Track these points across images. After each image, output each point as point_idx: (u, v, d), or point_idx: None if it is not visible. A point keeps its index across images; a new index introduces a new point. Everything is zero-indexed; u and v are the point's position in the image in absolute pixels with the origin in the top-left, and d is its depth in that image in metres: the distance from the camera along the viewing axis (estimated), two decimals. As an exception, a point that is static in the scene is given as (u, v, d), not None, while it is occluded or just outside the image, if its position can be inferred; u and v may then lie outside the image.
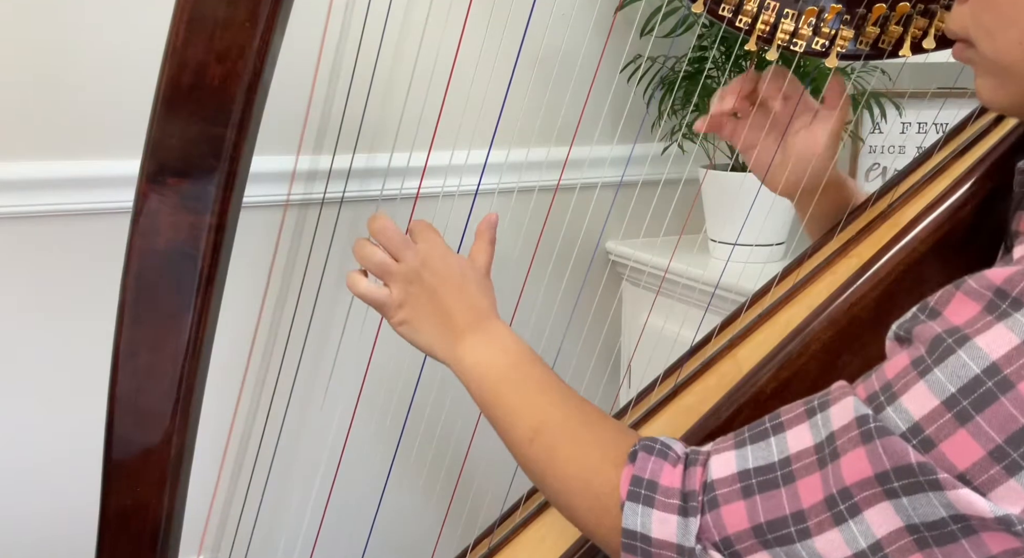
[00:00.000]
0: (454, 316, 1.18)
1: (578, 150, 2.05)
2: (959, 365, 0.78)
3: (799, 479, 0.85)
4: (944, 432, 0.77)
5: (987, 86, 0.97)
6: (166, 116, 1.05)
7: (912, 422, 0.79)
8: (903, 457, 0.78)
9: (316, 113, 1.39)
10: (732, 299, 1.76)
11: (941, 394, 0.78)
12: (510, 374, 1.14)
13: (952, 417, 0.77)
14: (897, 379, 0.82)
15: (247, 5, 1.02)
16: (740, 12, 1.19)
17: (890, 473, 0.79)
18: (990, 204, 1.14)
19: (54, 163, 1.71)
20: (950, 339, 0.79)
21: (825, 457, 0.83)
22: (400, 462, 1.74)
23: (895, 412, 0.80)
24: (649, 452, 0.95)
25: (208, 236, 1.08)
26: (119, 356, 1.11)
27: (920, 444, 0.78)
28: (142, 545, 1.17)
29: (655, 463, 0.94)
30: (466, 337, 1.17)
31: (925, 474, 0.77)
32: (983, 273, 0.81)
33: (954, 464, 0.76)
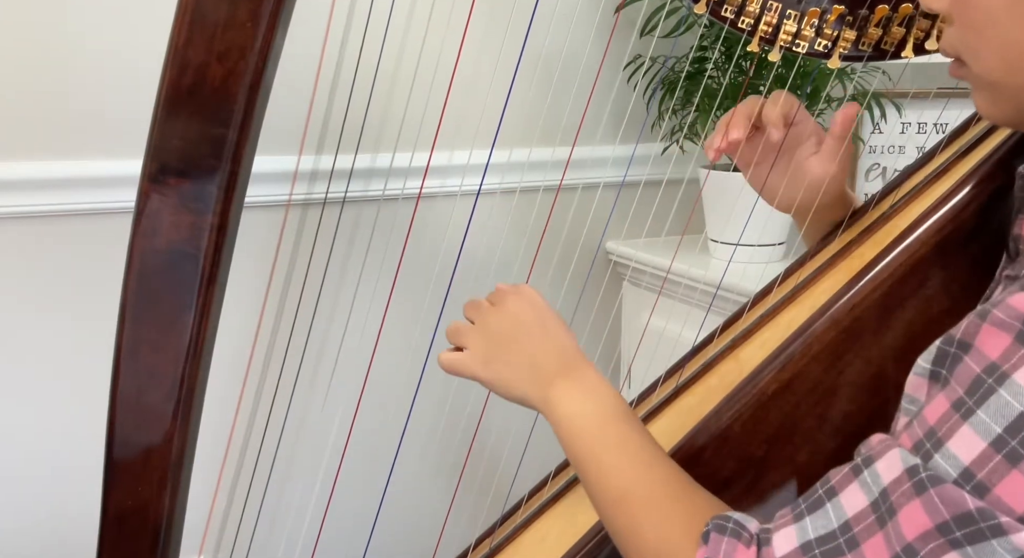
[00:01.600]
0: (541, 362, 1.15)
1: (579, 150, 2.05)
2: (1002, 404, 0.76)
3: (862, 543, 0.83)
4: (997, 475, 0.76)
5: (983, 101, 0.98)
6: (167, 116, 1.04)
7: (962, 467, 0.77)
8: (961, 505, 0.77)
9: (318, 113, 1.39)
10: (733, 300, 1.76)
11: (987, 436, 0.77)
12: (605, 432, 1.10)
13: (1003, 458, 0.76)
14: (940, 424, 0.80)
15: (249, 5, 1.01)
16: (742, 13, 1.19)
17: (950, 523, 0.77)
18: (992, 205, 1.14)
19: (55, 163, 1.71)
20: (989, 379, 0.78)
21: (883, 515, 0.82)
22: (401, 463, 1.73)
23: (944, 459, 0.79)
24: (721, 532, 0.93)
25: (210, 236, 1.08)
26: (120, 356, 1.11)
27: (974, 489, 0.77)
28: (143, 545, 1.17)
29: (728, 544, 0.91)
30: (557, 383, 1.14)
31: (986, 520, 0.76)
32: (1007, 302, 0.80)
33: (1012, 507, 0.75)
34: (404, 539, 1.93)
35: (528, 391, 1.15)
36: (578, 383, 1.14)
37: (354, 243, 1.83)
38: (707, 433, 1.16)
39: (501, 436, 1.70)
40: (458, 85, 1.48)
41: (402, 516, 1.97)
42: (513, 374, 1.16)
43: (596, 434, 1.10)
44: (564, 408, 1.12)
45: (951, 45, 0.98)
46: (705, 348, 1.33)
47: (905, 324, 1.14)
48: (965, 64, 0.96)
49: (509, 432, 1.60)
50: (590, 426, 1.10)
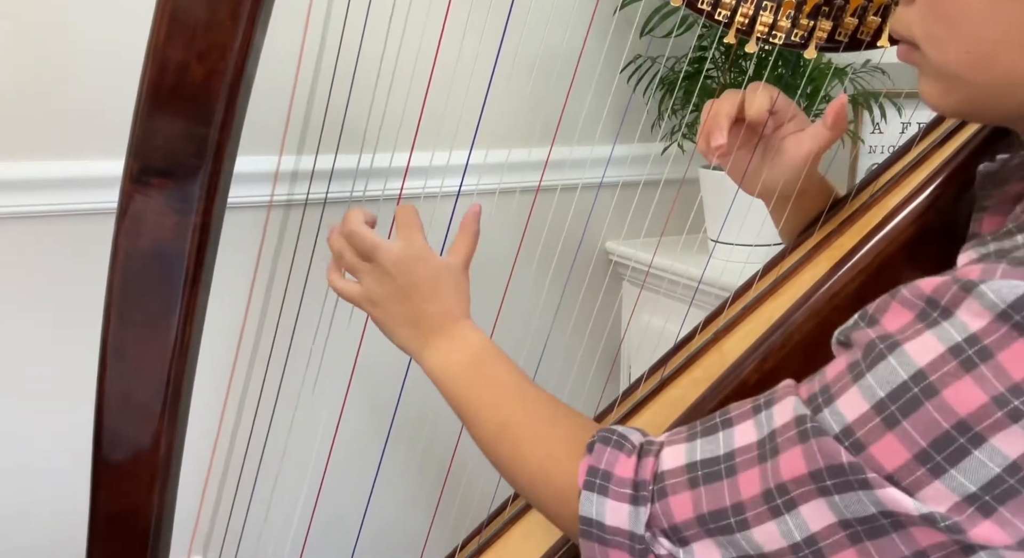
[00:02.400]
0: (422, 319, 1.19)
1: (579, 150, 2.05)
2: (888, 371, 0.81)
3: (740, 472, 0.88)
4: (873, 435, 0.80)
5: (932, 91, 0.96)
6: (149, 116, 1.05)
7: (845, 424, 0.82)
8: (835, 457, 0.82)
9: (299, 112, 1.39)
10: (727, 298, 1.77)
11: (871, 398, 0.81)
12: (472, 374, 1.16)
13: (881, 421, 0.80)
14: (835, 382, 0.85)
15: (228, 4, 1.02)
16: (719, 5, 1.19)
17: (823, 472, 0.83)
18: (966, 195, 1.15)
19: (38, 163, 1.71)
20: (882, 345, 0.82)
21: (766, 453, 0.87)
22: (388, 461, 1.74)
23: (831, 414, 0.83)
24: (605, 443, 0.98)
25: (193, 236, 1.08)
26: (107, 357, 1.12)
27: (851, 446, 0.81)
28: (133, 546, 1.18)
29: (611, 454, 0.97)
30: (432, 340, 1.19)
31: (855, 473, 0.81)
32: (916, 283, 0.83)
33: (882, 465, 0.80)
34: (392, 537, 1.94)
35: (405, 344, 1.21)
36: (450, 336, 1.19)
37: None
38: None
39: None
40: (457, 85, 1.48)
41: (390, 514, 1.98)
42: (394, 325, 1.21)
43: (466, 376, 1.16)
44: (435, 360, 1.18)
45: (906, 28, 0.96)
46: (688, 342, 1.34)
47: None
48: (918, 49, 0.95)
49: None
50: (460, 371, 1.17)
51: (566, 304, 1.92)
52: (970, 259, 0.87)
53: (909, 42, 0.97)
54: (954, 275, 0.81)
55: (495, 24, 1.39)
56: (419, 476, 2.08)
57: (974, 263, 0.84)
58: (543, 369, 1.37)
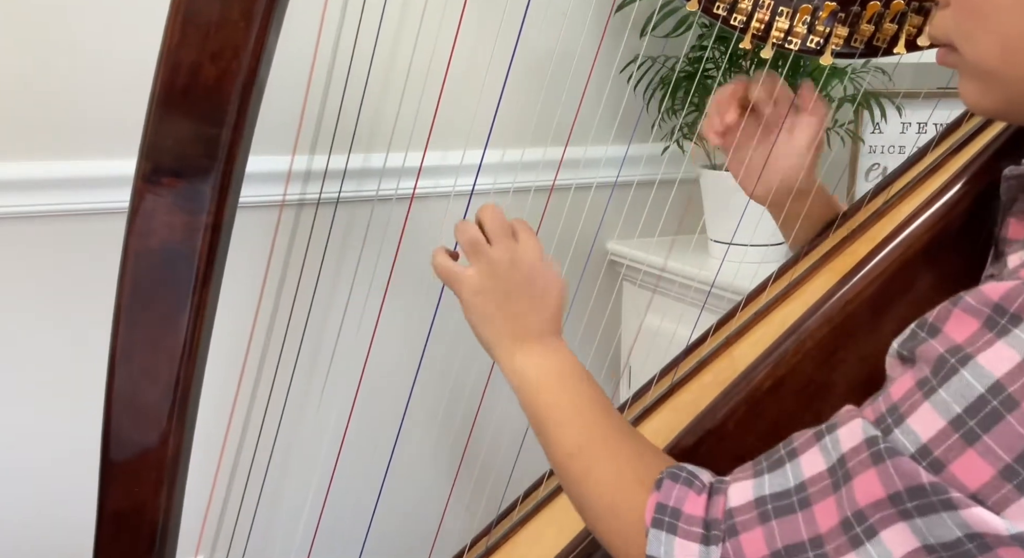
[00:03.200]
0: (524, 321, 1.17)
1: (578, 150, 2.05)
2: (963, 385, 0.77)
3: (814, 503, 0.85)
4: (953, 453, 0.77)
5: (971, 90, 0.96)
6: (161, 116, 1.04)
7: (920, 444, 0.79)
8: (914, 477, 0.78)
9: (312, 113, 1.39)
10: (730, 298, 1.76)
11: (947, 415, 0.78)
12: (559, 386, 1.13)
13: (960, 438, 0.77)
14: (903, 400, 0.82)
15: (241, 4, 1.01)
16: (735, 10, 1.19)
17: (903, 493, 0.79)
18: (984, 202, 1.14)
19: (49, 163, 1.71)
20: (953, 359, 0.79)
21: (838, 480, 0.83)
22: (397, 463, 1.74)
23: (903, 434, 0.80)
24: (675, 480, 0.96)
25: (204, 236, 1.08)
26: (116, 357, 1.11)
27: (930, 465, 0.78)
28: (140, 545, 1.17)
29: (680, 491, 0.95)
30: (528, 343, 1.16)
31: (938, 494, 0.77)
32: (979, 289, 0.81)
33: (965, 485, 0.76)
34: (400, 539, 1.93)
35: (499, 340, 1.17)
36: (547, 346, 1.16)
37: (349, 243, 1.83)
38: (702, 430, 1.16)
39: (496, 437, 1.70)
40: (456, 85, 1.48)
41: (398, 517, 1.97)
42: (495, 318, 1.18)
43: (553, 387, 1.13)
44: (526, 362, 1.15)
45: (943, 30, 0.97)
46: (699, 346, 1.34)
47: (899, 321, 1.13)
48: (956, 51, 0.95)
49: (504, 433, 1.61)
50: (547, 379, 1.14)
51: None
52: (1022, 260, 0.86)
53: (947, 44, 0.97)
54: (1021, 280, 0.79)
55: (494, 24, 1.38)
56: (428, 477, 2.08)
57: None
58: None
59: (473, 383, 1.65)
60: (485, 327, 1.18)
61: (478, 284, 1.18)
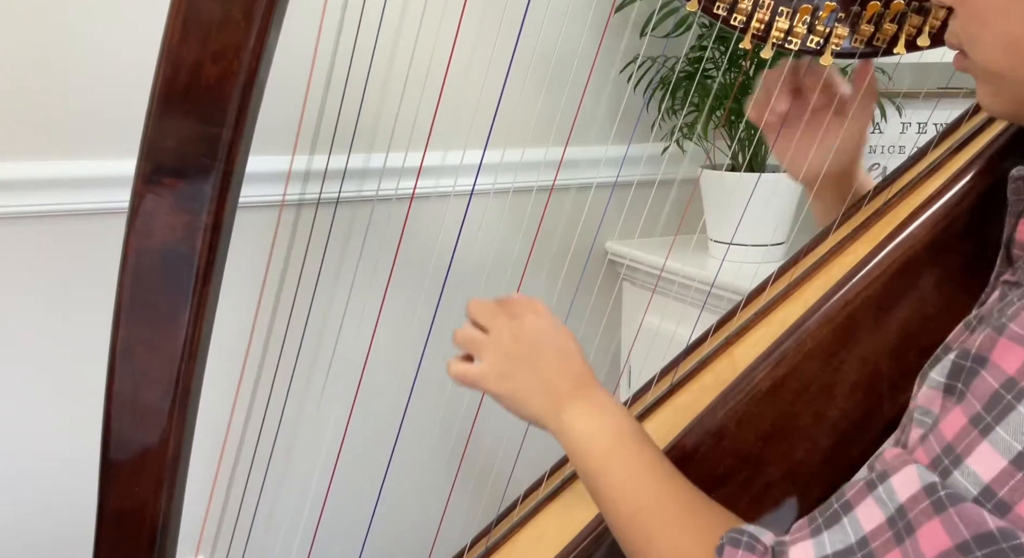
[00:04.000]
0: (556, 384, 1.15)
1: (578, 150, 2.05)
2: (1021, 421, 0.76)
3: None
4: (1019, 493, 0.75)
5: (985, 93, 0.98)
6: (161, 116, 1.04)
7: (983, 485, 0.77)
8: (981, 524, 0.76)
9: (312, 113, 1.39)
10: (730, 298, 1.76)
11: (1008, 453, 0.76)
12: (617, 450, 1.11)
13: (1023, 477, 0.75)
14: (958, 440, 0.79)
15: (242, 4, 1.01)
16: (735, 10, 1.19)
17: (971, 543, 0.76)
18: (985, 202, 1.14)
19: (50, 163, 1.71)
20: (1008, 395, 0.77)
21: (900, 532, 0.81)
22: (397, 463, 1.73)
23: (963, 476, 0.78)
24: (736, 545, 0.93)
25: (204, 236, 1.08)
26: (116, 356, 1.11)
27: (995, 508, 0.76)
28: (140, 545, 1.17)
29: (742, 556, 0.92)
30: (572, 405, 1.14)
31: (1008, 540, 0.75)
32: (1023, 315, 0.79)
33: None
34: (400, 539, 1.93)
35: (541, 412, 1.15)
36: (590, 404, 1.14)
37: (349, 243, 1.83)
38: (702, 430, 1.16)
39: (496, 436, 1.70)
40: (457, 84, 1.48)
41: (398, 516, 1.98)
42: (528, 395, 1.16)
43: (608, 450, 1.10)
44: (576, 428, 1.12)
45: (955, 36, 0.98)
46: (699, 347, 1.33)
47: (900, 322, 1.15)
48: (968, 56, 0.97)
49: (504, 432, 1.60)
50: (603, 443, 1.11)
51: (564, 303, 1.91)
52: None
53: (960, 50, 0.98)
54: None
55: (494, 24, 1.39)
56: (428, 477, 2.08)
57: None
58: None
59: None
60: (526, 408, 1.17)
61: (497, 372, 1.17)
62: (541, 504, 1.33)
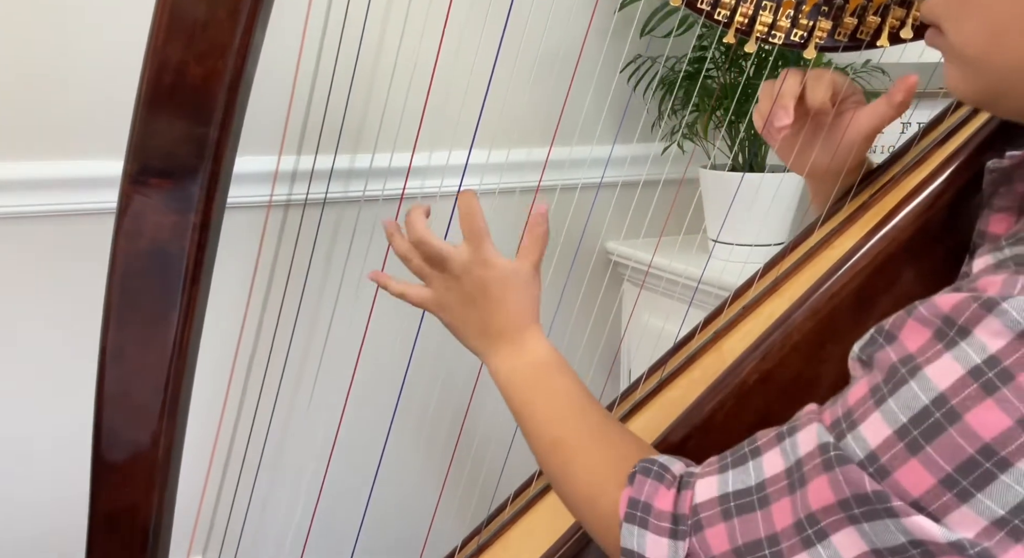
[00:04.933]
0: (490, 325, 1.21)
1: (579, 150, 2.05)
2: (911, 396, 0.80)
3: (772, 503, 0.87)
4: (897, 461, 0.79)
5: (954, 75, 0.97)
6: (148, 116, 1.05)
7: (868, 450, 0.81)
8: (860, 486, 0.81)
9: (299, 113, 1.40)
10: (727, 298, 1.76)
11: (894, 424, 0.80)
12: (532, 384, 1.18)
13: (904, 447, 0.79)
14: (857, 407, 0.84)
15: (227, 4, 1.01)
16: (718, 5, 1.20)
17: (850, 500, 0.82)
18: (967, 195, 1.15)
19: (36, 163, 1.71)
20: (904, 369, 0.81)
21: (795, 482, 0.86)
22: (388, 461, 1.74)
23: (854, 440, 0.82)
24: (646, 474, 0.98)
25: (192, 236, 1.08)
26: (106, 357, 1.11)
27: (876, 472, 0.80)
28: (132, 546, 1.17)
29: (651, 486, 0.97)
30: (500, 347, 1.21)
31: (881, 502, 0.80)
32: (932, 299, 0.82)
33: (908, 491, 0.79)
34: (391, 538, 1.94)
35: (474, 346, 1.24)
36: (516, 344, 1.20)
37: (336, 244, 1.84)
38: (689, 424, 1.17)
39: (486, 436, 1.71)
40: (445, 85, 1.48)
41: (389, 515, 1.98)
42: (465, 330, 1.24)
43: (529, 386, 1.17)
44: (501, 364, 1.20)
45: (930, 10, 0.97)
46: (688, 342, 1.34)
47: (883, 314, 1.13)
48: (942, 34, 0.96)
49: (493, 432, 1.61)
50: (523, 379, 1.18)
51: (566, 304, 1.92)
52: (986, 264, 0.86)
53: (935, 25, 0.97)
54: (973, 291, 0.80)
55: (495, 24, 1.39)
56: (419, 477, 2.08)
57: (991, 271, 0.83)
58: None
59: (462, 382, 1.65)
60: (465, 339, 1.25)
61: (437, 301, 1.25)
62: (531, 502, 1.34)
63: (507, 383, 1.19)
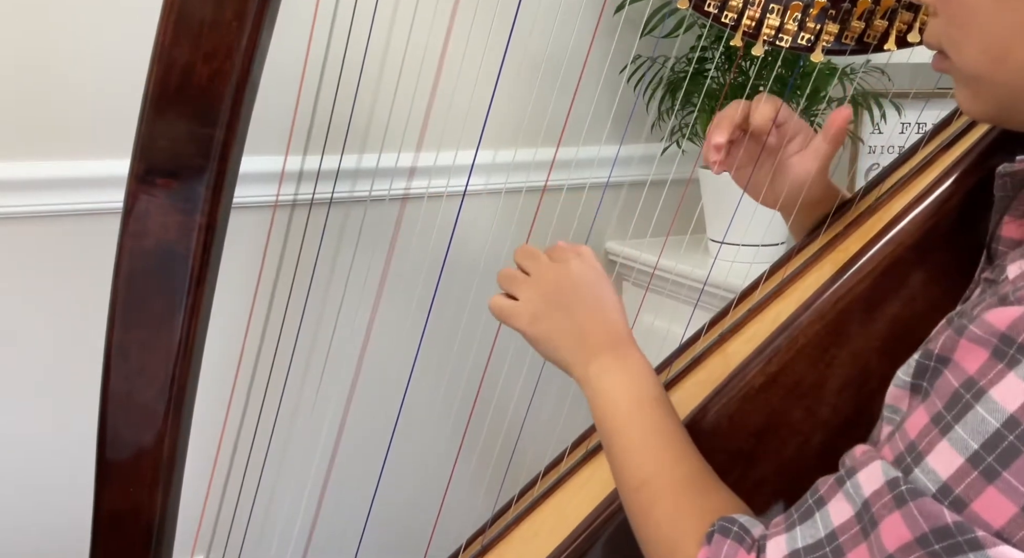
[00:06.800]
0: (589, 334, 1.16)
1: (579, 151, 2.05)
2: (978, 421, 0.77)
3: (847, 552, 0.84)
4: (974, 490, 0.76)
5: (964, 96, 0.97)
6: (154, 116, 1.05)
7: (941, 482, 0.78)
8: (939, 518, 0.77)
9: (305, 113, 1.39)
10: (730, 299, 1.76)
11: (965, 451, 0.77)
12: (638, 411, 1.12)
13: (979, 475, 0.76)
14: (921, 438, 0.81)
15: (234, 5, 1.01)
16: (726, 8, 1.20)
17: (929, 536, 0.78)
18: (975, 198, 1.14)
19: (43, 163, 1.71)
20: (967, 394, 0.78)
21: (866, 526, 0.82)
22: (392, 461, 1.74)
23: (923, 473, 0.80)
24: (725, 534, 0.94)
25: (198, 236, 1.08)
26: (111, 357, 1.11)
27: (952, 504, 0.77)
28: (136, 546, 1.18)
29: (730, 547, 0.93)
30: (600, 357, 1.15)
31: (963, 534, 0.76)
32: (984, 317, 0.80)
33: (989, 523, 0.76)
34: (396, 538, 1.94)
35: (570, 359, 1.16)
36: (621, 361, 1.15)
37: (342, 243, 1.84)
38: (694, 427, 1.16)
39: (491, 436, 1.71)
40: (451, 85, 1.48)
41: (394, 515, 1.98)
42: (559, 338, 1.17)
43: (629, 414, 1.11)
44: (602, 382, 1.14)
45: (935, 37, 0.97)
46: (692, 345, 1.34)
47: (890, 318, 1.15)
48: (948, 58, 0.96)
49: (499, 433, 1.61)
50: (624, 405, 1.12)
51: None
52: (1022, 270, 0.85)
53: (939, 51, 0.97)
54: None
55: (500, 24, 1.39)
56: (424, 476, 2.08)
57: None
58: (545, 371, 1.37)
59: (467, 384, 1.65)
60: (556, 352, 1.18)
61: (531, 311, 1.19)
62: (536, 503, 1.34)
63: (606, 400, 1.13)
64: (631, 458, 1.09)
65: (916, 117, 2.15)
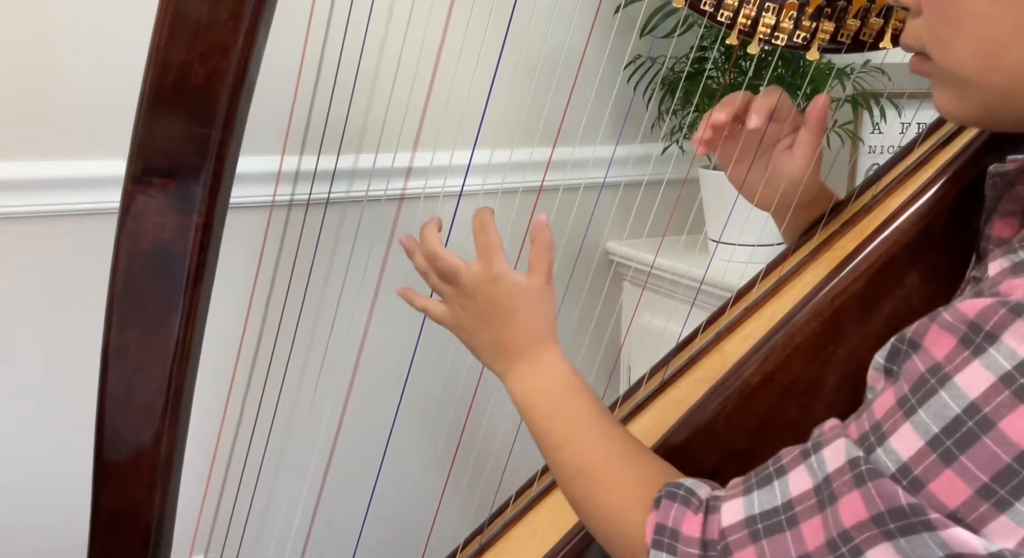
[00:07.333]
0: (505, 343, 1.19)
1: (579, 151, 2.05)
2: (941, 406, 0.79)
3: (802, 522, 0.86)
4: (931, 472, 0.78)
5: (946, 98, 0.95)
6: (151, 116, 1.05)
7: (901, 463, 0.80)
8: (894, 499, 0.79)
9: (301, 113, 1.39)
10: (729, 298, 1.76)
11: (926, 434, 0.79)
12: (557, 407, 1.15)
13: (937, 457, 0.78)
14: (885, 419, 0.83)
15: (230, 4, 1.01)
16: (721, 6, 1.19)
17: (885, 515, 0.80)
18: (969, 198, 1.14)
19: (43, 163, 1.71)
20: (933, 379, 0.80)
21: (824, 500, 0.85)
22: (390, 461, 1.74)
23: (884, 453, 0.81)
24: (672, 499, 0.97)
25: (195, 236, 1.08)
26: (108, 357, 1.11)
27: (910, 485, 0.79)
28: (134, 546, 1.18)
29: (677, 510, 0.95)
30: (516, 365, 1.19)
31: (917, 515, 0.78)
32: (955, 305, 0.81)
33: (944, 503, 0.77)
34: (394, 538, 1.94)
35: (491, 365, 1.21)
36: (534, 364, 1.18)
37: (339, 244, 1.84)
38: (691, 426, 1.17)
39: (488, 436, 1.71)
40: (447, 85, 1.48)
41: (391, 515, 1.98)
42: (479, 346, 1.22)
43: (549, 413, 1.15)
44: (520, 389, 1.18)
45: (916, 38, 0.96)
46: (690, 343, 1.34)
47: (886, 315, 1.15)
48: (929, 59, 0.94)
49: (496, 433, 1.61)
50: (543, 406, 1.16)
51: (567, 305, 1.92)
52: (1002, 267, 0.85)
53: (920, 53, 0.96)
54: (996, 296, 0.79)
55: (497, 24, 1.39)
56: (421, 477, 2.08)
57: (1009, 274, 0.83)
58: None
59: (464, 383, 1.65)
60: (480, 356, 1.23)
61: (454, 318, 1.24)
62: (533, 502, 1.34)
63: (524, 404, 1.17)
64: (561, 455, 1.12)
65: (917, 117, 2.15)
